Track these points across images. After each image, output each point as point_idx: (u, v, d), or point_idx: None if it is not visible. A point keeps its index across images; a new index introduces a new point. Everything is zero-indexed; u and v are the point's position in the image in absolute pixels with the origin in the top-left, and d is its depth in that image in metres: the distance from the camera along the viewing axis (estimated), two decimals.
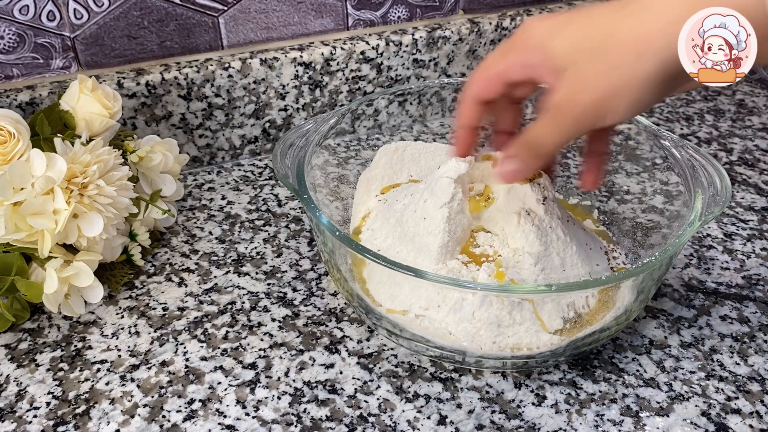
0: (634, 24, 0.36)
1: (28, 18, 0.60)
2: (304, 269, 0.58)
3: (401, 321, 0.46)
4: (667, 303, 0.54)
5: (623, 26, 0.36)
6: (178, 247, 0.60)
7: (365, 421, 0.45)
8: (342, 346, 0.50)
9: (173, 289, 0.56)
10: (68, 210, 0.48)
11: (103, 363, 0.49)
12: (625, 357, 0.49)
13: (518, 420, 0.45)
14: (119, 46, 0.65)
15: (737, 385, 0.47)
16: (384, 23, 0.73)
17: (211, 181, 0.69)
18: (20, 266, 0.50)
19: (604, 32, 0.37)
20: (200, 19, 0.66)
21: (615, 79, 0.37)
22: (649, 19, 0.36)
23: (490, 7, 0.77)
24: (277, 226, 0.63)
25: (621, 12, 0.37)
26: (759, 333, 0.51)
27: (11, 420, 0.45)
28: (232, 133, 0.71)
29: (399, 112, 0.66)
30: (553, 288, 0.42)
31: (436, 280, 0.42)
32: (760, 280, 0.56)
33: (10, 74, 0.62)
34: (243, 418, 0.45)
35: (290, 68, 0.69)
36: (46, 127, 0.54)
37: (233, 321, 0.53)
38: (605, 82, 0.37)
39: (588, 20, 0.38)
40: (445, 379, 0.48)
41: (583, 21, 0.38)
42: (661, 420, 0.45)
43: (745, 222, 0.63)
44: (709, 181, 0.49)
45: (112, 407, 0.46)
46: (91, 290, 0.52)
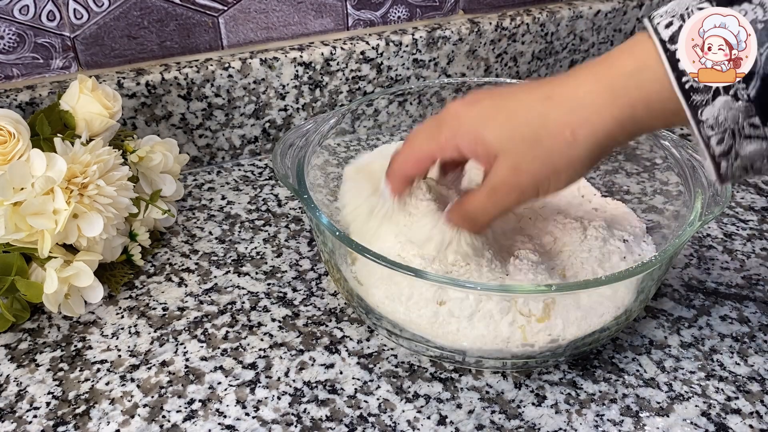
0: (561, 114, 0.39)
1: (28, 18, 0.60)
2: (304, 269, 0.58)
3: (401, 321, 0.46)
4: (667, 303, 0.54)
5: (552, 116, 0.39)
6: (178, 247, 0.60)
7: (365, 421, 0.45)
8: (342, 346, 0.50)
9: (173, 289, 0.56)
10: (68, 210, 0.48)
11: (103, 363, 0.49)
12: (625, 357, 0.49)
13: (518, 420, 0.45)
14: (119, 46, 0.65)
15: (737, 385, 0.47)
16: (384, 23, 0.73)
17: (211, 181, 0.69)
18: (20, 266, 0.50)
19: (536, 123, 0.39)
20: (200, 19, 0.66)
21: (550, 164, 0.40)
22: (575, 109, 0.39)
23: (490, 7, 0.77)
24: (277, 226, 0.63)
25: (547, 102, 0.40)
26: (759, 333, 0.51)
27: (11, 420, 0.45)
28: (232, 133, 0.71)
29: (399, 112, 0.66)
30: (553, 288, 0.42)
31: (436, 280, 0.42)
32: (760, 280, 0.56)
33: (10, 74, 0.62)
34: (243, 418, 0.45)
35: (290, 68, 0.69)
36: (46, 127, 0.54)
37: (233, 321, 0.53)
38: (542, 167, 0.40)
39: (517, 110, 0.40)
40: (445, 379, 0.48)
41: (511, 111, 0.41)
42: (661, 420, 0.45)
43: (745, 222, 0.63)
44: (709, 181, 0.49)
45: (112, 407, 0.46)
46: (91, 290, 0.52)
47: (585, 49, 0.83)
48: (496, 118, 0.40)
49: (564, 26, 0.79)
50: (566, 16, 0.78)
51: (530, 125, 0.39)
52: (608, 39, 0.84)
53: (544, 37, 0.79)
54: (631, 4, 0.82)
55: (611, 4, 0.81)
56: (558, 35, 0.79)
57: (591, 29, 0.81)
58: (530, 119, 0.39)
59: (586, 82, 0.39)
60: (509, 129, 0.40)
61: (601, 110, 0.38)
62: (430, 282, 0.43)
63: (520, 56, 0.79)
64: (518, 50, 0.78)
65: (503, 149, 0.40)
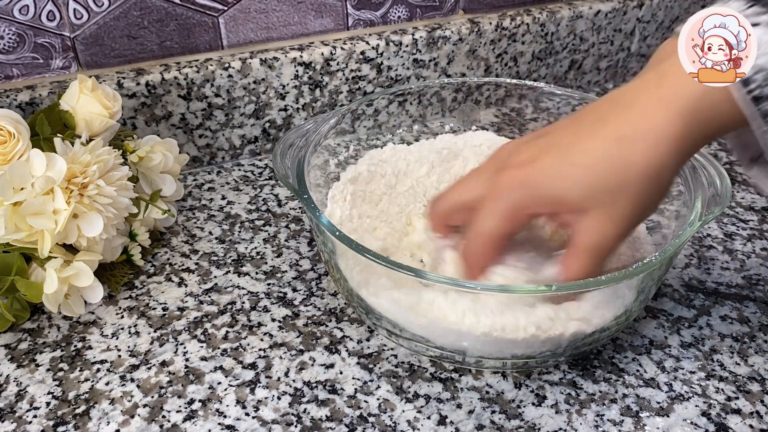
0: (643, 155, 0.37)
1: (28, 18, 0.60)
2: (304, 269, 0.58)
3: (401, 321, 0.46)
4: (667, 303, 0.54)
5: (634, 159, 0.37)
6: (178, 247, 0.60)
7: (365, 421, 0.45)
8: (342, 346, 0.50)
9: (173, 289, 0.56)
10: (68, 210, 0.48)
11: (103, 363, 0.49)
12: (625, 357, 0.49)
13: (518, 420, 0.45)
14: (119, 46, 0.65)
15: (737, 385, 0.47)
16: (384, 23, 0.73)
17: (211, 181, 0.69)
18: (20, 266, 0.50)
19: (620, 170, 0.37)
20: (200, 19, 0.66)
21: (643, 203, 0.39)
22: (654, 145, 0.37)
23: (490, 7, 0.77)
24: (277, 226, 0.63)
25: (624, 144, 0.37)
26: (759, 333, 0.51)
27: (11, 420, 0.45)
28: (232, 133, 0.71)
29: (399, 112, 0.66)
30: (554, 288, 0.42)
31: (435, 281, 0.42)
32: (760, 280, 0.56)
33: (10, 74, 0.62)
34: (243, 418, 0.45)
35: (290, 68, 0.69)
36: (46, 127, 0.54)
37: (233, 321, 0.53)
38: (636, 208, 0.39)
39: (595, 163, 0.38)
40: (445, 379, 0.48)
41: (588, 165, 0.38)
42: (661, 420, 0.45)
43: (745, 222, 0.63)
44: (709, 181, 0.49)
45: (112, 407, 0.46)
46: (91, 290, 0.52)
47: (585, 49, 0.83)
48: (572, 177, 0.38)
49: (564, 26, 0.79)
50: (566, 16, 0.78)
51: (615, 174, 0.38)
52: (608, 39, 0.84)
53: (544, 37, 0.79)
54: (631, 4, 0.82)
55: (611, 4, 0.81)
56: (558, 35, 0.79)
57: (591, 29, 0.81)
58: (612, 168, 0.38)
59: (654, 110, 0.37)
60: (595, 183, 0.38)
61: (679, 140, 0.37)
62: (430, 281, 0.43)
63: (520, 56, 0.79)
64: (518, 50, 0.78)
65: (594, 205, 0.38)
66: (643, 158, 0.37)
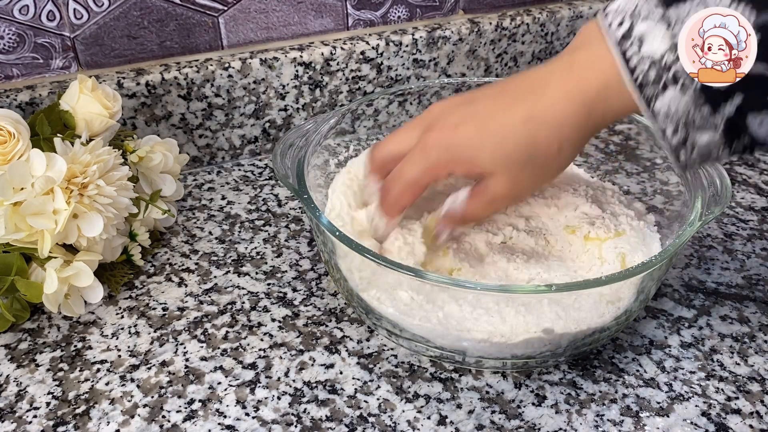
0: (546, 134, 0.43)
1: (28, 18, 0.60)
2: (304, 269, 0.58)
3: (402, 321, 0.46)
4: (667, 303, 0.54)
5: (539, 137, 0.43)
6: (178, 247, 0.60)
7: (365, 422, 0.45)
8: (342, 346, 0.50)
9: (173, 289, 0.56)
10: (68, 210, 0.48)
11: (103, 363, 0.49)
12: (625, 357, 0.49)
13: (518, 420, 0.45)
14: (119, 46, 0.65)
15: (737, 386, 0.47)
16: (384, 23, 0.73)
17: (211, 181, 0.69)
18: (20, 266, 0.50)
19: (526, 145, 0.43)
20: (200, 19, 0.66)
21: (542, 175, 0.46)
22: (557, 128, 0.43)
23: (490, 7, 0.77)
24: (277, 226, 0.63)
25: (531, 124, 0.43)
26: (759, 333, 0.51)
27: (11, 420, 0.45)
28: (232, 133, 0.71)
29: (399, 112, 0.66)
30: (553, 288, 0.42)
31: (435, 281, 0.42)
32: (760, 280, 0.56)
33: (10, 74, 0.62)
34: (243, 418, 0.45)
35: (290, 68, 0.69)
36: (46, 127, 0.54)
37: (233, 321, 0.53)
38: (536, 178, 0.46)
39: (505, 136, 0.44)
40: (445, 379, 0.48)
41: (500, 137, 0.44)
42: (661, 420, 0.45)
43: (745, 222, 0.63)
44: (709, 181, 0.49)
45: (112, 407, 0.46)
46: (91, 290, 0.52)
47: None
48: (486, 146, 0.44)
49: (564, 26, 0.79)
50: (566, 16, 0.78)
51: (522, 148, 0.44)
52: None
53: (544, 37, 0.79)
54: None
55: None
56: (558, 35, 0.79)
57: None
58: (520, 142, 0.43)
59: (560, 100, 0.42)
60: (503, 155, 0.44)
61: (579, 127, 0.43)
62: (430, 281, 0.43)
63: (520, 56, 0.79)
64: (518, 50, 0.78)
65: (500, 170, 0.44)
66: (546, 139, 0.43)
